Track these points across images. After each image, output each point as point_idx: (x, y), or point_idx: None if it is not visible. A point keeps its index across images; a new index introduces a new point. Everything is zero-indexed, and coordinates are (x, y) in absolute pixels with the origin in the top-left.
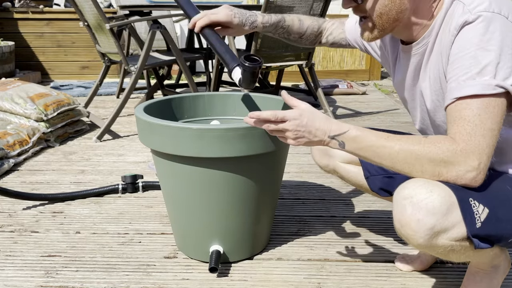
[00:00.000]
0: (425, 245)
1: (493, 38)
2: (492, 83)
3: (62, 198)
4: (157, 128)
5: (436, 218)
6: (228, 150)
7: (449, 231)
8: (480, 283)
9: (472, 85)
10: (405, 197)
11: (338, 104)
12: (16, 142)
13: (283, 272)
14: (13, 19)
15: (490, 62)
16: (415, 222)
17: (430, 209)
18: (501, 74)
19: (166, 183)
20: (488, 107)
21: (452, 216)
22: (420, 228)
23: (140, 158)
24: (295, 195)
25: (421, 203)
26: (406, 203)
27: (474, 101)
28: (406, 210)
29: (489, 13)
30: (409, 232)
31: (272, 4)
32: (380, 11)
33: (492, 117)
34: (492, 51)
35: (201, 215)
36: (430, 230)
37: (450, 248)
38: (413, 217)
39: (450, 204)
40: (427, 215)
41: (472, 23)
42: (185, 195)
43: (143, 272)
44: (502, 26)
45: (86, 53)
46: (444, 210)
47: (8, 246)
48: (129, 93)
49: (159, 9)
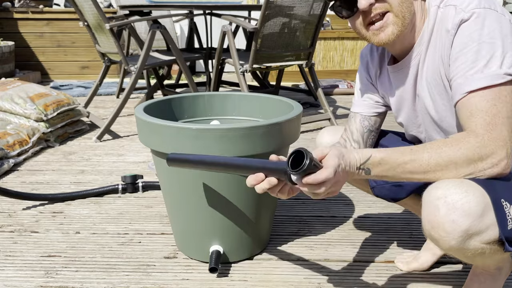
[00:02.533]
0: (456, 248)
1: (492, 31)
2: (499, 72)
3: (62, 198)
4: (157, 128)
5: (472, 220)
6: (228, 150)
7: (482, 233)
8: (483, 284)
9: (481, 77)
10: (439, 197)
11: (338, 104)
12: (16, 142)
13: (283, 272)
14: (13, 19)
15: (494, 53)
16: (449, 223)
17: (466, 209)
18: (507, 63)
19: (166, 183)
20: (501, 96)
21: (486, 218)
22: (454, 229)
23: (140, 158)
24: (295, 195)
25: (457, 203)
26: (439, 203)
27: (487, 92)
28: (440, 210)
29: (482, 9)
30: (441, 234)
31: (272, 4)
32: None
33: (506, 105)
34: (494, 43)
35: (201, 215)
36: (464, 232)
37: (480, 251)
38: (448, 217)
39: (485, 205)
40: (463, 216)
41: (468, 20)
42: (185, 195)
43: (143, 272)
44: (496, 18)
45: (86, 53)
46: (479, 212)
47: (8, 246)
48: (129, 93)
49: (159, 9)
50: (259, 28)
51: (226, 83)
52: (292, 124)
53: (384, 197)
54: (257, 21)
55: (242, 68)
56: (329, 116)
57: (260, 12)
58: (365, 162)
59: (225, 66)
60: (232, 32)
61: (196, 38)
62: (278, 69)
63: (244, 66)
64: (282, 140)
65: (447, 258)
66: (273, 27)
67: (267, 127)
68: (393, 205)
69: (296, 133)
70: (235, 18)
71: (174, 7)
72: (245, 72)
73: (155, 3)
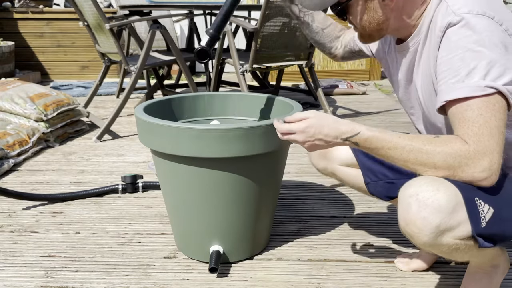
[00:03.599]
0: (429, 244)
1: (481, 39)
2: (481, 84)
3: (62, 198)
4: (157, 128)
5: (442, 217)
6: (228, 150)
7: (454, 229)
8: (479, 282)
9: (461, 87)
10: (411, 195)
11: (338, 104)
12: (16, 142)
13: (283, 272)
14: (13, 19)
15: (479, 63)
16: (421, 220)
17: (436, 207)
18: (492, 74)
19: (166, 183)
20: (488, 105)
21: (458, 215)
22: (425, 226)
23: (140, 158)
24: (295, 195)
25: (427, 200)
26: (411, 201)
27: (473, 101)
28: (412, 207)
29: (473, 15)
30: (414, 230)
31: (272, 4)
32: (362, 24)
33: (494, 114)
34: (480, 52)
35: (201, 215)
36: (435, 228)
37: (454, 247)
38: (419, 214)
39: (456, 202)
40: (433, 213)
41: (456, 25)
42: (185, 195)
43: (143, 272)
44: (487, 26)
45: (86, 53)
46: (450, 209)
47: (8, 246)
48: (129, 93)
49: (159, 9)
50: (259, 28)
51: (226, 83)
52: None
53: (378, 195)
54: (257, 21)
55: (242, 68)
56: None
57: (260, 12)
58: (352, 136)
59: (225, 66)
60: (232, 32)
61: (196, 38)
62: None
63: (244, 66)
64: (282, 140)
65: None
66: (273, 27)
67: (267, 127)
68: (392, 206)
69: None
70: (235, 18)
71: (174, 7)
72: (245, 72)
73: (155, 3)
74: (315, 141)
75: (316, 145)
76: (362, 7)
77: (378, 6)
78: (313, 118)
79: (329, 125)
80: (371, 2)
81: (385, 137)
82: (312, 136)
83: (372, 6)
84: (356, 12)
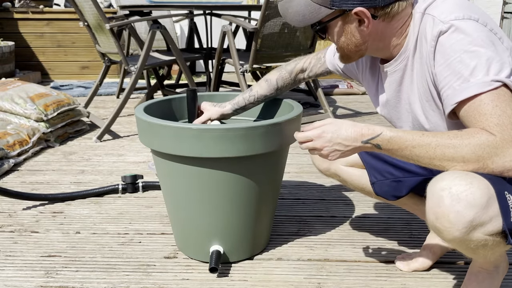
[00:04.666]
0: (460, 239)
1: (474, 40)
2: (486, 79)
3: (62, 198)
4: (157, 128)
5: (476, 211)
6: (228, 150)
7: (486, 225)
8: (482, 283)
9: (468, 86)
10: (443, 188)
11: (338, 104)
12: (16, 142)
13: (283, 272)
14: (13, 19)
15: (479, 61)
16: (454, 214)
17: (471, 201)
18: (493, 69)
19: (166, 183)
20: (500, 97)
21: (490, 209)
22: (459, 220)
23: (140, 158)
24: (295, 195)
25: (461, 194)
26: (444, 194)
27: (484, 96)
28: (444, 201)
29: (460, 20)
30: (445, 225)
31: (272, 4)
32: (340, 45)
33: (509, 104)
34: (477, 51)
35: (201, 215)
36: (469, 223)
37: (483, 243)
38: (452, 208)
39: (489, 197)
40: (467, 207)
41: (447, 32)
42: (185, 195)
43: (143, 272)
44: (476, 28)
45: (86, 53)
46: (484, 203)
47: (8, 246)
48: (129, 93)
49: (159, 9)
50: (259, 28)
51: (226, 83)
52: (292, 124)
53: (384, 195)
54: (257, 21)
55: (242, 68)
56: (329, 116)
57: (260, 12)
58: (373, 138)
59: (225, 66)
60: (232, 32)
61: (196, 38)
62: None
63: (244, 66)
64: (282, 140)
65: (447, 258)
66: (273, 27)
67: (267, 127)
68: (392, 205)
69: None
70: (235, 18)
71: (174, 7)
72: (245, 72)
73: (155, 3)
74: (333, 145)
75: (336, 150)
76: (340, 29)
77: (356, 30)
78: (330, 123)
79: (347, 129)
80: (348, 26)
81: (408, 136)
82: (329, 141)
83: (349, 30)
84: (334, 33)
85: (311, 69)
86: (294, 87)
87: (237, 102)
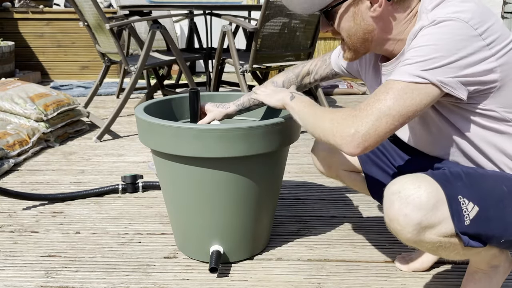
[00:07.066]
0: (413, 240)
1: (444, 38)
2: (415, 73)
3: (62, 198)
4: (157, 128)
5: (423, 213)
6: (228, 150)
7: (436, 226)
8: (479, 283)
9: (399, 72)
10: (394, 192)
11: (338, 104)
12: (16, 142)
13: (283, 272)
14: (13, 19)
15: (430, 56)
16: (403, 217)
17: (417, 204)
18: (437, 70)
19: (166, 183)
20: (400, 89)
21: (439, 211)
22: (407, 223)
23: (140, 158)
24: (295, 195)
25: (409, 198)
26: (394, 198)
27: (398, 82)
28: (394, 205)
29: (444, 17)
30: (397, 227)
31: (272, 4)
32: (348, 33)
33: (397, 101)
34: (437, 48)
35: (201, 215)
36: (417, 225)
37: (438, 244)
38: (401, 212)
39: (437, 199)
40: (414, 210)
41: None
42: (185, 195)
43: (143, 272)
44: (458, 28)
45: (86, 53)
46: (430, 206)
47: (8, 246)
48: (129, 93)
49: (159, 9)
50: (259, 28)
51: (226, 83)
52: (292, 124)
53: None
54: (257, 21)
55: (242, 68)
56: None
57: (260, 12)
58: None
59: (225, 66)
60: (232, 32)
61: (196, 38)
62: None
63: (244, 66)
64: (282, 140)
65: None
66: (273, 27)
67: (267, 127)
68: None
69: (296, 133)
70: (235, 18)
71: (174, 7)
72: (245, 72)
73: (155, 3)
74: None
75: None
76: (350, 12)
77: (366, 12)
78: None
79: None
80: (359, 8)
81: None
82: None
83: (359, 13)
84: (342, 19)
85: (316, 71)
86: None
87: (241, 102)
